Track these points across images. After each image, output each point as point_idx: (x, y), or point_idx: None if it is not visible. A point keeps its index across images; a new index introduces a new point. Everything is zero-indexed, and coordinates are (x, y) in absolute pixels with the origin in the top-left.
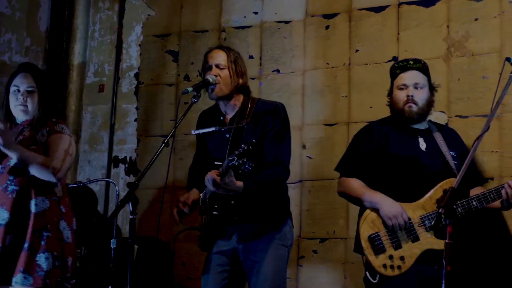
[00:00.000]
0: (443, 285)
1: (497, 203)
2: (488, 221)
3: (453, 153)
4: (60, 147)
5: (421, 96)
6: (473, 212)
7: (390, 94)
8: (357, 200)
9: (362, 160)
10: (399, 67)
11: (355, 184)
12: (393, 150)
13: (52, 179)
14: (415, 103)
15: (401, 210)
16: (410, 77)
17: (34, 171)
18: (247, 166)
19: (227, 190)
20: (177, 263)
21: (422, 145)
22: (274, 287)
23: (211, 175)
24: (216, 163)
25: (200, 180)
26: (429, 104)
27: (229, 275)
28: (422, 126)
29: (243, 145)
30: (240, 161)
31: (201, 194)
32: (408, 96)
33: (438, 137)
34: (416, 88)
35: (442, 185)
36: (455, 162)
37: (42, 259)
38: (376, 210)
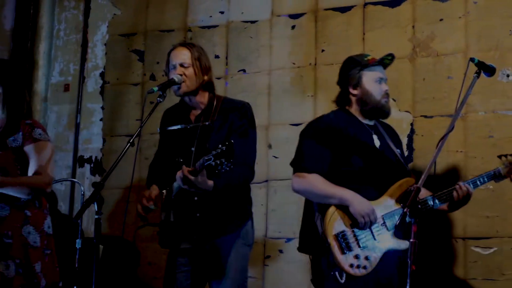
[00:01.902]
0: (408, 284)
1: (444, 205)
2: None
3: (399, 150)
4: (46, 158)
5: None
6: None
7: (357, 85)
8: (321, 197)
9: (320, 156)
10: (376, 60)
11: (318, 180)
12: (351, 147)
13: (44, 193)
14: (388, 99)
15: (372, 207)
16: (384, 73)
17: (22, 193)
18: (225, 167)
19: (198, 188)
20: (143, 263)
21: (376, 142)
22: (237, 286)
23: (184, 172)
24: (181, 160)
25: (161, 177)
26: None
27: (192, 274)
28: (371, 122)
29: (220, 145)
30: (218, 162)
31: (164, 191)
32: (386, 90)
33: (385, 135)
34: (386, 83)
35: (401, 184)
36: (403, 161)
37: (2, 267)
38: (342, 207)
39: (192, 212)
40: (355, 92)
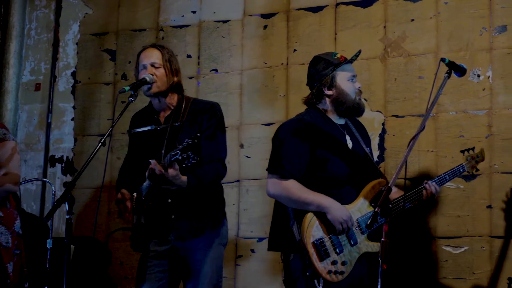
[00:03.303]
0: (379, 284)
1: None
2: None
3: (368, 149)
4: (12, 158)
5: None
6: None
7: (332, 86)
8: (298, 203)
9: (297, 161)
10: (345, 58)
11: (295, 187)
12: (327, 150)
13: (11, 192)
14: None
15: (350, 214)
16: (354, 70)
17: None
18: (191, 160)
19: (171, 183)
20: (115, 263)
21: (349, 143)
22: (213, 286)
23: (156, 166)
24: (150, 160)
25: (131, 181)
26: None
27: (165, 275)
28: (342, 121)
29: (187, 139)
30: (185, 155)
31: (134, 194)
32: (359, 88)
33: (356, 134)
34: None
35: (374, 186)
36: (372, 160)
37: None
38: (319, 214)
39: (166, 214)
40: (329, 92)
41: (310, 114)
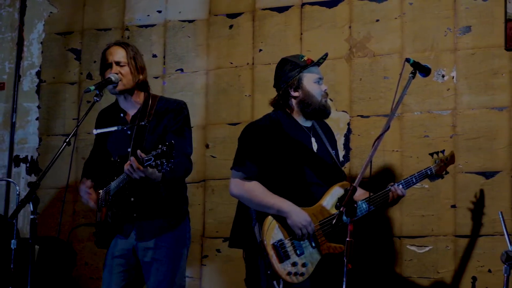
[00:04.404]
0: (344, 283)
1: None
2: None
3: (334, 151)
4: None
5: None
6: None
7: (298, 87)
8: (259, 206)
9: (260, 162)
10: (312, 61)
11: (258, 189)
12: (291, 152)
13: None
14: (327, 98)
15: (309, 219)
16: (320, 72)
17: None
18: (165, 167)
19: (148, 179)
20: (80, 263)
21: (314, 145)
22: (174, 286)
23: (135, 163)
24: (118, 160)
25: (96, 176)
26: None
27: (129, 275)
28: (309, 123)
29: (161, 146)
30: (158, 162)
31: (100, 191)
32: (325, 90)
33: (322, 136)
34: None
35: (337, 188)
36: (338, 162)
37: None
38: (280, 217)
39: (128, 213)
40: (296, 94)
41: (277, 116)
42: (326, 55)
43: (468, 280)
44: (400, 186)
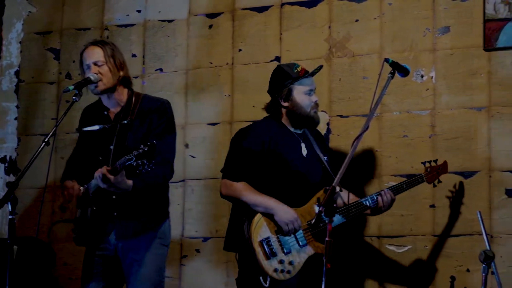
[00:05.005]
0: (323, 283)
1: (368, 210)
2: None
3: (326, 157)
4: None
5: None
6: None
7: (288, 98)
8: (247, 205)
9: (249, 163)
10: (306, 72)
11: (245, 189)
12: (280, 156)
13: None
14: (318, 109)
15: (296, 215)
16: (313, 83)
17: None
18: (146, 168)
19: (117, 188)
20: (59, 264)
21: (304, 150)
22: (154, 286)
23: (102, 171)
24: (100, 158)
25: (78, 174)
26: None
27: (109, 274)
28: (300, 130)
29: (142, 146)
30: (139, 162)
31: (81, 188)
32: (315, 101)
33: (313, 142)
34: (315, 93)
35: (326, 191)
36: (329, 167)
37: None
38: (268, 215)
39: (109, 211)
40: (285, 104)
41: (268, 122)
42: (321, 67)
43: (446, 280)
44: (390, 191)
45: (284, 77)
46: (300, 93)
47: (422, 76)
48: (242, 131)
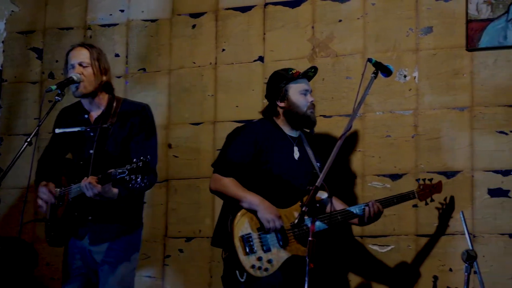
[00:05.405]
0: (306, 282)
1: (355, 219)
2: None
3: (319, 164)
4: None
5: None
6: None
7: (284, 98)
8: (233, 200)
9: (240, 161)
10: (300, 73)
11: (232, 184)
12: (271, 156)
13: None
14: (314, 109)
15: (278, 214)
16: (309, 85)
17: None
18: (139, 182)
19: (103, 197)
20: (41, 264)
21: (296, 154)
22: None
23: (90, 181)
24: (81, 163)
25: (51, 174)
26: None
27: (85, 277)
28: (295, 134)
29: (136, 160)
30: (133, 177)
31: (58, 189)
32: (311, 101)
33: (307, 147)
34: (311, 95)
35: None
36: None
37: None
38: (252, 211)
39: (83, 215)
40: (282, 104)
41: (263, 123)
42: (316, 69)
43: (429, 279)
44: (378, 203)
45: (279, 80)
46: (295, 93)
47: (405, 76)
48: (237, 129)
